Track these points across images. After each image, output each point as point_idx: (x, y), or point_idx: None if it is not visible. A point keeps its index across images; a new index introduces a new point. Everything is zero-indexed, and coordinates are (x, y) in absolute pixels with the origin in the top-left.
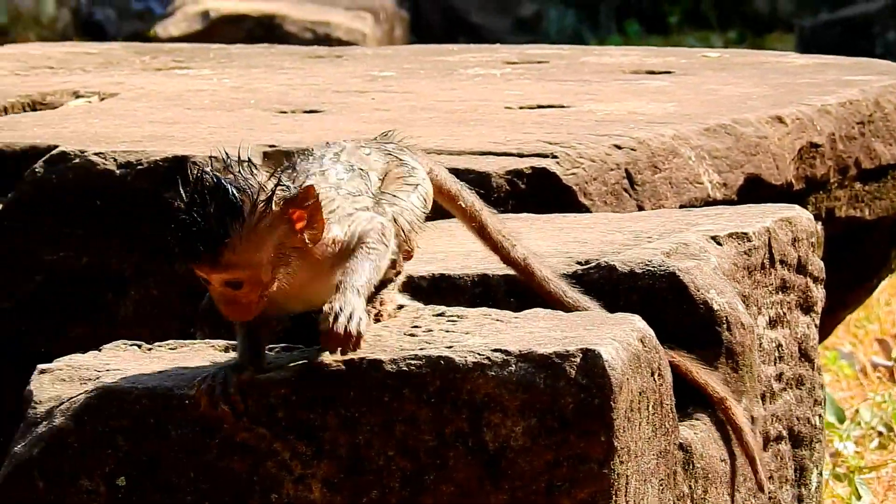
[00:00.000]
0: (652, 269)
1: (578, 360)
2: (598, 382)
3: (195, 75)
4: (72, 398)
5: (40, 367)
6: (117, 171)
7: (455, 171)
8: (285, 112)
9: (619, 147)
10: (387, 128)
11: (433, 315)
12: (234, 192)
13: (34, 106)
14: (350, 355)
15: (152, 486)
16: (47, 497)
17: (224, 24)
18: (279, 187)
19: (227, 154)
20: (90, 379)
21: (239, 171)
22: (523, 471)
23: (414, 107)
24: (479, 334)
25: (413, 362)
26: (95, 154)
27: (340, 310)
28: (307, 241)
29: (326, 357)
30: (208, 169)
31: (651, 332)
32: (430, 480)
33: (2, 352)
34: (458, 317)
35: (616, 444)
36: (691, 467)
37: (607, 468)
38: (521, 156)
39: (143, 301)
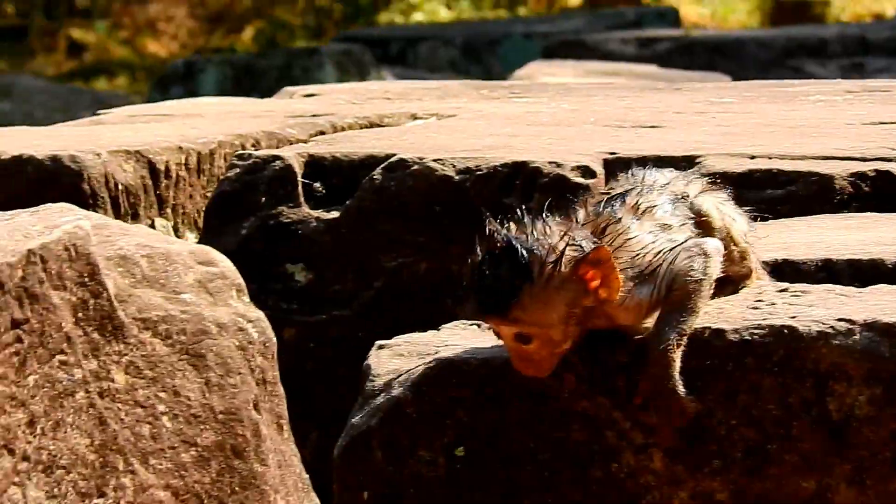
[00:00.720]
0: None
1: None
2: None
3: (533, 102)
4: (410, 370)
5: (378, 343)
6: (456, 177)
7: (797, 175)
8: (624, 127)
9: None
10: (728, 140)
11: (776, 291)
12: (524, 252)
13: (371, 126)
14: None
15: (491, 456)
16: (385, 467)
17: None
18: (570, 247)
19: (522, 212)
20: (428, 353)
21: (532, 231)
22: (868, 441)
23: (756, 123)
24: (822, 306)
25: (756, 332)
26: (434, 160)
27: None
28: (602, 298)
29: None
30: (501, 228)
31: None
32: (774, 450)
33: (339, 357)
34: (802, 292)
35: None
36: None
37: None
38: (863, 160)
39: None
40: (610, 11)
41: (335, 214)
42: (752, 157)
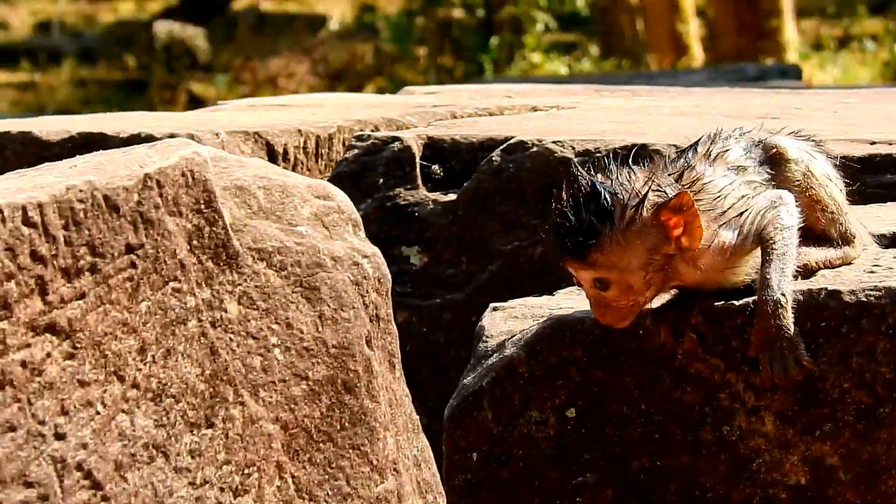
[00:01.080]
0: None
1: None
2: None
3: (654, 99)
4: (523, 331)
5: (493, 305)
6: (575, 159)
7: None
8: (745, 118)
9: None
10: (849, 129)
11: (893, 256)
12: (607, 195)
13: (491, 116)
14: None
15: (603, 417)
16: (496, 427)
17: None
18: (654, 192)
19: (608, 158)
20: (542, 315)
21: (617, 177)
22: None
23: (877, 116)
24: None
25: (873, 293)
26: (553, 142)
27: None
28: (684, 246)
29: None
30: (585, 173)
31: None
32: (885, 414)
33: (450, 343)
34: None
35: None
36: None
37: None
38: None
39: None
40: (731, 67)
41: (452, 197)
42: (873, 143)
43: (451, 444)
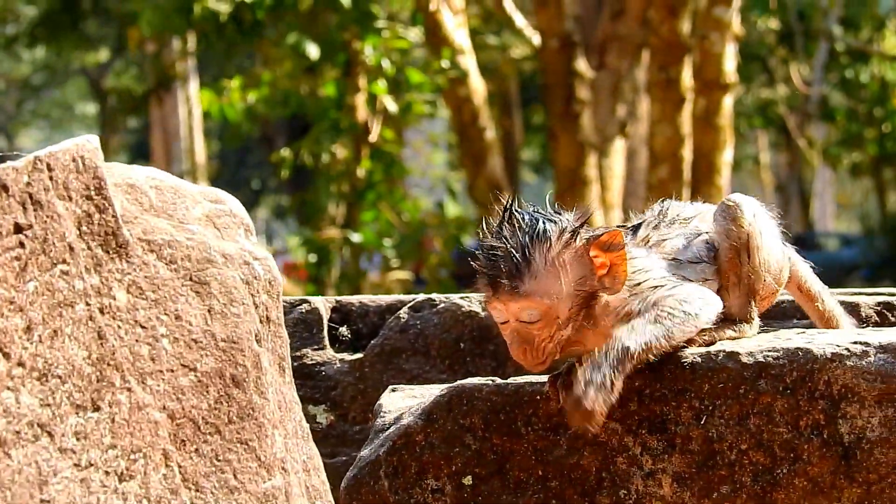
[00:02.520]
0: None
1: None
2: None
3: None
4: (422, 401)
5: (392, 386)
6: (482, 313)
7: None
8: None
9: None
10: None
11: (792, 330)
12: (544, 223)
13: None
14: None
15: (500, 484)
16: (392, 496)
17: None
18: (585, 229)
19: (545, 201)
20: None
21: (553, 212)
22: (879, 463)
23: None
24: (839, 336)
25: (771, 353)
26: (461, 297)
27: (587, 383)
28: (606, 286)
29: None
30: (521, 208)
31: None
32: (784, 475)
33: None
34: (820, 332)
35: None
36: None
37: None
38: None
39: None
40: None
41: (359, 356)
42: None
43: None
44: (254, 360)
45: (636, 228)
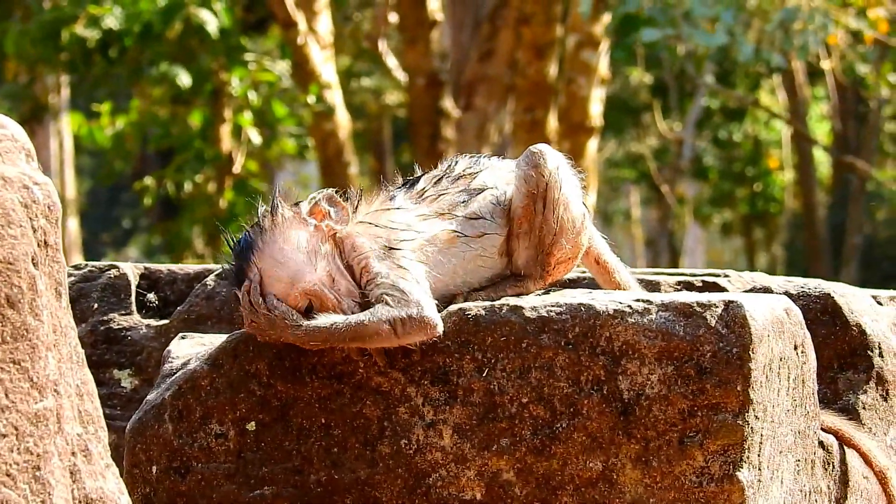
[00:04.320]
0: (808, 290)
1: (720, 309)
2: (739, 332)
3: None
4: (209, 347)
5: (182, 334)
6: None
7: None
8: None
9: None
10: None
11: (577, 290)
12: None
13: None
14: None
15: (283, 431)
16: (176, 440)
17: None
18: (287, 204)
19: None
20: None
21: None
22: (657, 420)
23: None
24: (622, 294)
25: (554, 308)
26: None
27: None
28: (332, 232)
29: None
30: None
31: (798, 311)
32: (563, 429)
33: None
34: (606, 292)
35: (752, 396)
36: (831, 468)
37: (742, 420)
38: None
39: None
40: None
41: (165, 322)
42: None
43: (132, 457)
44: (29, 282)
45: (416, 182)
